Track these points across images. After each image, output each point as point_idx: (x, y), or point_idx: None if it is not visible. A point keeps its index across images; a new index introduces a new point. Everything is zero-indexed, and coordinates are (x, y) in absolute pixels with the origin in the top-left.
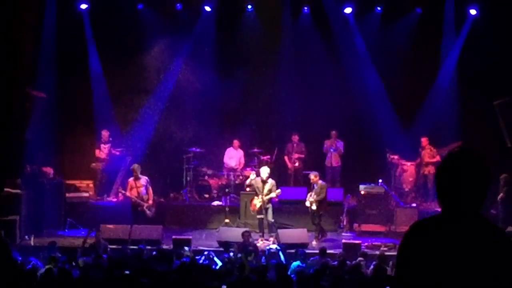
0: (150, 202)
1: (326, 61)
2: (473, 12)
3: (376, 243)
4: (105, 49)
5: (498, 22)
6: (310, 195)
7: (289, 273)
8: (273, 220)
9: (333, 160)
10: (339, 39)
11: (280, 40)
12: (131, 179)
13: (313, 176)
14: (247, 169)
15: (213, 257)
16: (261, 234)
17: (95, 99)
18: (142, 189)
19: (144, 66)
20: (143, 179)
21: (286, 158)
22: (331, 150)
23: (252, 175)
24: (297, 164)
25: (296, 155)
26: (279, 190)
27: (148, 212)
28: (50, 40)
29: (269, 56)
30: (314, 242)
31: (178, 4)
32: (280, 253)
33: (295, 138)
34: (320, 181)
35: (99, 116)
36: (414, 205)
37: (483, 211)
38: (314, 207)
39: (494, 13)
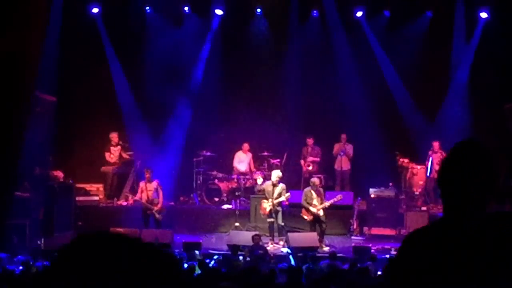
0: (159, 206)
1: (335, 64)
2: (484, 15)
3: (386, 246)
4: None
5: (510, 24)
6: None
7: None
8: (283, 224)
9: (343, 163)
10: (347, 42)
11: (288, 43)
12: (142, 182)
13: (318, 181)
14: (257, 172)
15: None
16: (271, 237)
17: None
18: (152, 193)
19: (151, 70)
20: (154, 183)
21: (302, 162)
22: (341, 153)
23: (259, 180)
24: (311, 167)
25: (311, 159)
26: (288, 194)
27: (157, 216)
28: (58, 43)
29: (278, 59)
30: (326, 248)
31: (186, 8)
32: (291, 257)
33: (310, 141)
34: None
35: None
36: (424, 208)
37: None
38: (321, 213)
39: (506, 16)
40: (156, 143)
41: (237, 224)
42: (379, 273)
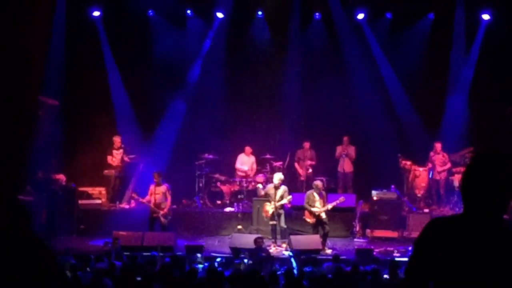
0: (165, 210)
1: (337, 66)
2: (486, 17)
3: (388, 248)
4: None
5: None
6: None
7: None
8: (285, 226)
9: (346, 166)
10: (349, 45)
11: (290, 46)
12: (152, 185)
13: (321, 183)
14: (260, 175)
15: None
16: (273, 240)
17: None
18: (160, 196)
19: (154, 73)
20: (163, 187)
21: (296, 164)
22: (343, 156)
23: (260, 186)
24: (310, 170)
25: (309, 162)
26: (290, 197)
27: (162, 219)
28: (60, 47)
29: (279, 61)
30: (329, 251)
31: (189, 11)
32: (292, 259)
33: (307, 145)
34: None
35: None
36: (426, 210)
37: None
38: (324, 215)
39: (508, 17)
40: (158, 146)
41: (239, 226)
42: (385, 276)
